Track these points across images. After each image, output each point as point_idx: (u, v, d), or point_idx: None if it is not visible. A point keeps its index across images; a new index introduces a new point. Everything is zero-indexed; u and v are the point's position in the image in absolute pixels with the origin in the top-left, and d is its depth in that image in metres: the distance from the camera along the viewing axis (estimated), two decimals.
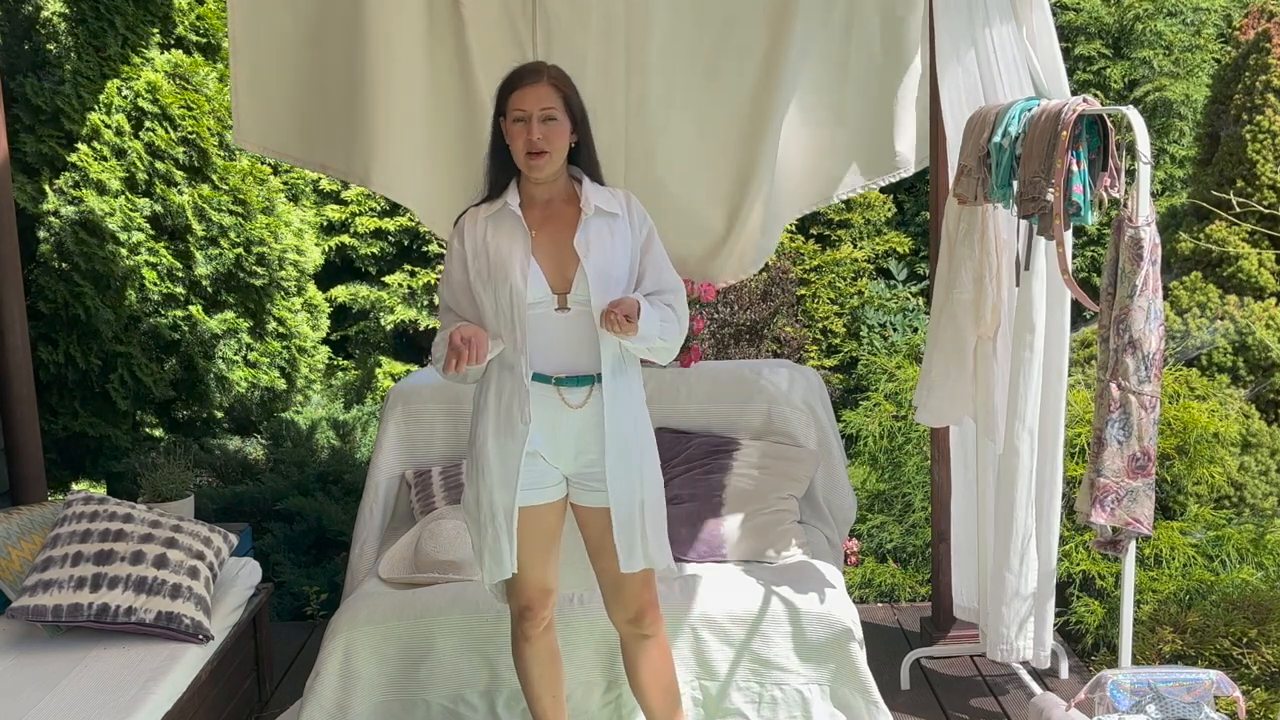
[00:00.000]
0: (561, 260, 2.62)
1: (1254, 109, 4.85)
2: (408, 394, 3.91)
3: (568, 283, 2.61)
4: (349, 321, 7.16)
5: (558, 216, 2.67)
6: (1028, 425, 3.11)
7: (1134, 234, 2.67)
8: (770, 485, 3.64)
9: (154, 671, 2.84)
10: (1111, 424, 2.71)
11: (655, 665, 2.82)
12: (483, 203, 2.70)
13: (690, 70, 3.87)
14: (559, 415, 2.65)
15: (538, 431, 2.64)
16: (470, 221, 2.69)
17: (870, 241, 7.04)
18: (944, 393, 3.39)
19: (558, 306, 2.61)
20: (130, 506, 3.26)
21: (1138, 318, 2.68)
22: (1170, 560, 3.86)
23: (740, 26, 3.83)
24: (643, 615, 2.77)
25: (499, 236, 2.64)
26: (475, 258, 2.65)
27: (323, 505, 5.12)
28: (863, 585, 4.53)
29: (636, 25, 3.81)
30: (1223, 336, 4.66)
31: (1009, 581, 3.20)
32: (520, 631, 2.83)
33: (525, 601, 2.79)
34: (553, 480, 2.72)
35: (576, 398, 2.64)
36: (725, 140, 3.93)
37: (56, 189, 5.20)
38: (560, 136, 2.61)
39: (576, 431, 2.67)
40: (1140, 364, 2.69)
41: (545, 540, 2.75)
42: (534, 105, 2.57)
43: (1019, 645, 3.25)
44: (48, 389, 5.23)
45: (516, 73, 2.66)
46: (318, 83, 3.76)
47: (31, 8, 5.17)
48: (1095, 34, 6.81)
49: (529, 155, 2.58)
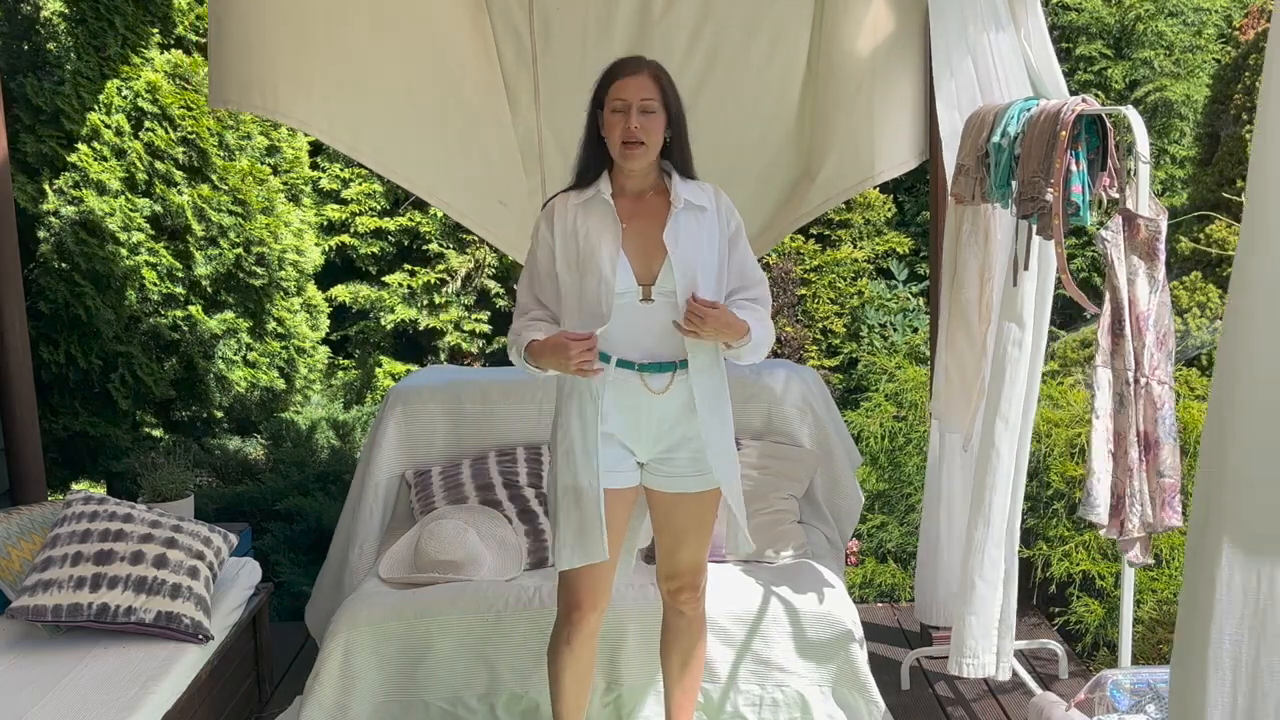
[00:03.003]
0: (649, 252, 2.65)
1: (1254, 109, 4.85)
2: (408, 394, 3.91)
3: (653, 274, 2.64)
4: (349, 321, 7.16)
5: (647, 209, 2.69)
6: (1010, 424, 3.08)
7: (1151, 229, 2.66)
8: (770, 485, 3.64)
9: (154, 671, 2.84)
10: (1162, 421, 2.66)
11: (688, 645, 2.93)
12: (572, 190, 2.73)
13: (690, 70, 3.87)
14: (640, 400, 2.68)
15: (619, 416, 2.68)
16: (561, 207, 2.71)
17: (870, 241, 7.05)
18: (962, 397, 3.36)
19: (642, 298, 2.64)
20: (130, 506, 3.26)
21: (1163, 314, 2.66)
22: (1170, 560, 3.86)
23: (740, 26, 3.83)
24: (682, 590, 2.87)
25: (589, 224, 2.67)
26: (565, 244, 2.68)
27: (323, 505, 5.12)
28: (863, 585, 4.53)
29: (637, 16, 3.82)
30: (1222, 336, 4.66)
31: (979, 589, 3.11)
32: (564, 634, 2.79)
33: (575, 599, 2.75)
34: (629, 466, 2.74)
35: (659, 384, 2.68)
36: (724, 139, 3.93)
37: (56, 189, 5.21)
38: (657, 128, 2.64)
39: (657, 417, 2.70)
40: (1166, 359, 2.67)
41: (611, 527, 2.72)
42: (634, 95, 2.61)
43: (985, 661, 3.15)
44: (48, 389, 5.24)
45: (619, 63, 2.69)
46: (301, 38, 3.62)
47: (31, 8, 5.17)
48: (1096, 34, 6.81)
49: (625, 145, 2.61)
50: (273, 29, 3.57)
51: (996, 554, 3.12)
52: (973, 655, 3.16)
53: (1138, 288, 2.66)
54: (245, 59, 3.56)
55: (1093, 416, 2.72)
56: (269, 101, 3.59)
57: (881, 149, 3.86)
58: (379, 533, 3.77)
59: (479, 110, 3.90)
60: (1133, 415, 2.68)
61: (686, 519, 2.79)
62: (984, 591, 3.13)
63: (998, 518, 3.10)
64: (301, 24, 3.59)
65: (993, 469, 3.09)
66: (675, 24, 3.84)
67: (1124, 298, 2.67)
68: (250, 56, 3.56)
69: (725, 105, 3.91)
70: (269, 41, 3.57)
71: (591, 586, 2.74)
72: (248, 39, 3.56)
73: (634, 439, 2.72)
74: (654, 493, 2.81)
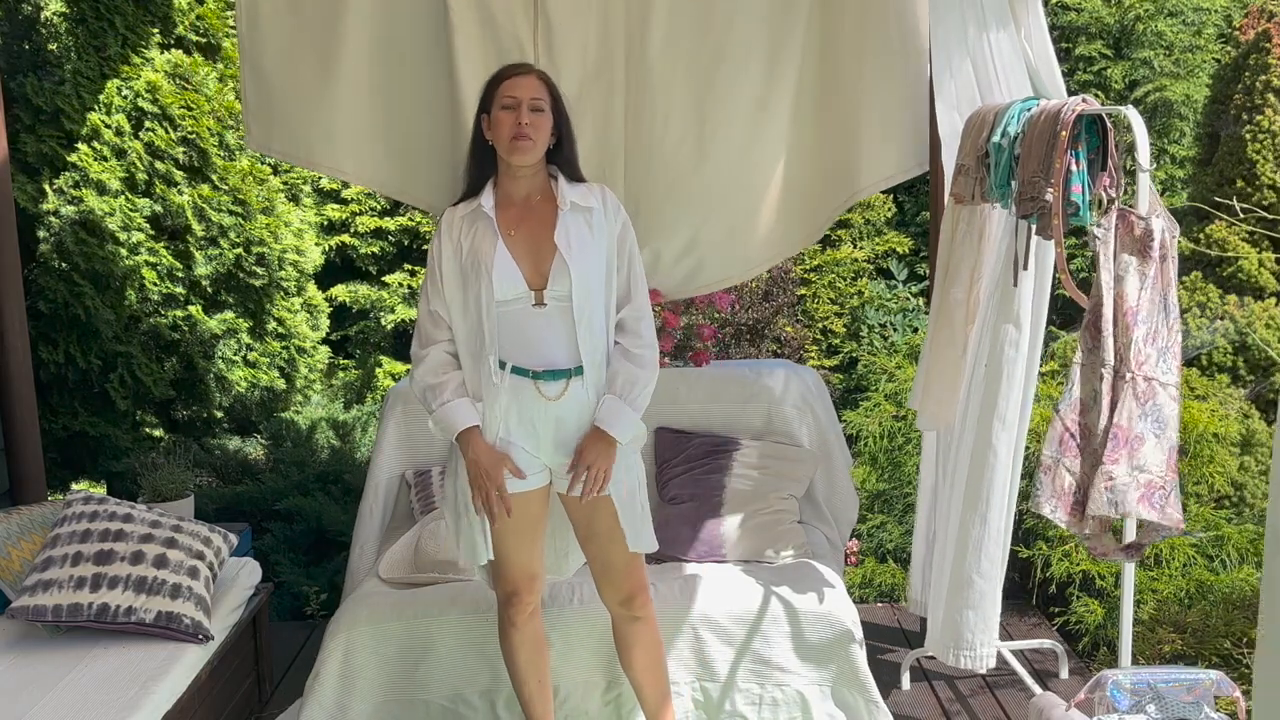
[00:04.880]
0: (538, 256, 2.69)
1: (1254, 109, 4.85)
2: (408, 394, 3.91)
3: (544, 278, 2.67)
4: (349, 321, 7.16)
5: (535, 213, 2.74)
6: (1006, 424, 3.08)
7: (1144, 226, 2.66)
8: (770, 485, 3.64)
9: (154, 671, 2.84)
10: (1145, 417, 2.66)
11: (647, 645, 2.92)
12: (460, 201, 2.78)
13: (691, 71, 3.86)
14: (535, 407, 2.71)
15: (516, 423, 2.71)
16: (449, 219, 2.77)
17: (870, 241, 7.05)
18: (941, 394, 3.38)
19: (535, 302, 2.67)
20: (130, 506, 3.26)
21: (1154, 311, 2.66)
22: (1170, 560, 3.86)
23: (741, 26, 3.81)
24: (633, 598, 2.86)
25: (473, 235, 2.71)
26: (454, 255, 2.73)
27: (323, 505, 5.12)
28: (863, 585, 4.53)
29: (635, 24, 3.80)
30: (1223, 336, 4.67)
31: (976, 585, 3.14)
32: (507, 617, 2.89)
33: (512, 587, 2.85)
34: (534, 469, 2.77)
35: (553, 390, 2.70)
36: (727, 142, 3.91)
37: (56, 189, 5.21)
38: (545, 127, 2.70)
39: (554, 422, 2.72)
40: (1160, 355, 2.66)
41: (529, 527, 2.81)
42: (525, 93, 2.68)
43: (983, 654, 3.19)
44: (48, 389, 5.24)
45: (507, 66, 2.80)
46: (330, 88, 3.80)
47: (31, 8, 5.17)
48: (1096, 34, 6.81)
49: (514, 139, 2.65)
50: (298, 75, 3.78)
51: (995, 551, 3.13)
52: (969, 648, 3.20)
53: (1127, 284, 2.67)
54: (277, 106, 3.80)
55: (1053, 410, 2.73)
56: (301, 151, 3.85)
57: (881, 154, 3.85)
58: (379, 533, 3.77)
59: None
60: (1105, 410, 2.67)
61: (608, 517, 2.79)
62: (982, 587, 3.15)
63: (995, 516, 3.11)
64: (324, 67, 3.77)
65: (989, 468, 3.10)
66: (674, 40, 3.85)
67: (1104, 294, 2.68)
68: (280, 104, 3.80)
69: (725, 122, 3.90)
70: (298, 88, 3.79)
71: (524, 571, 2.84)
72: (279, 86, 3.78)
73: (533, 444, 2.75)
74: (568, 498, 2.81)
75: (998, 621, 3.22)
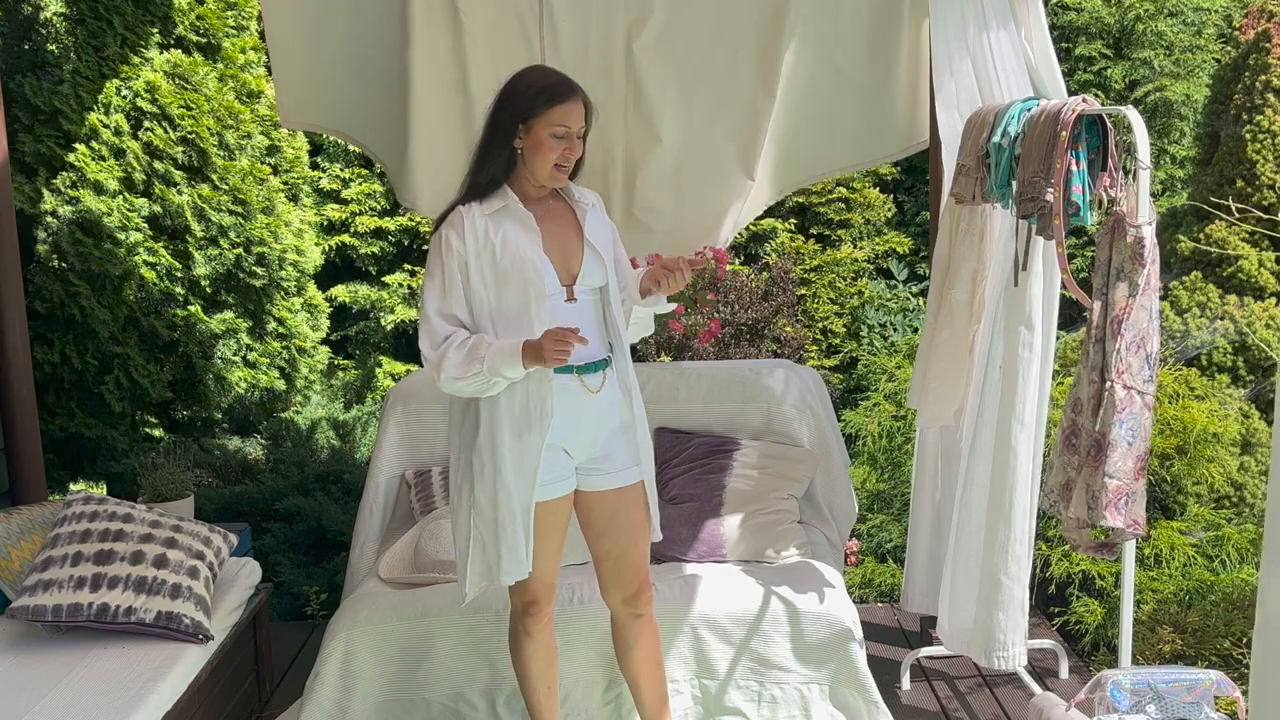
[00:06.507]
0: (565, 252, 2.71)
1: (1254, 109, 4.85)
2: (408, 394, 3.91)
3: (572, 274, 2.70)
4: (349, 321, 7.15)
5: (553, 212, 2.75)
6: (1025, 425, 3.09)
7: (1136, 233, 2.67)
8: (770, 485, 3.64)
9: (154, 671, 2.84)
10: (1120, 425, 2.69)
11: (647, 644, 2.91)
12: (472, 201, 2.67)
13: (688, 66, 3.88)
14: (582, 403, 2.71)
15: (562, 423, 2.69)
16: (468, 218, 2.65)
17: (870, 241, 7.04)
18: (940, 393, 3.39)
19: (567, 298, 2.69)
20: (130, 506, 3.26)
21: (1140, 317, 2.67)
22: (1170, 560, 3.86)
23: (738, 22, 3.84)
24: (640, 594, 2.86)
25: (503, 234, 2.64)
26: (479, 256, 2.63)
27: (322, 505, 5.12)
28: (863, 585, 4.53)
29: (635, 20, 3.84)
30: (1223, 336, 4.66)
31: (1005, 587, 3.15)
32: (523, 627, 2.87)
33: (531, 597, 2.83)
34: (567, 473, 2.77)
35: (596, 382, 2.73)
36: (725, 133, 3.94)
37: (54, 189, 5.20)
38: (580, 152, 2.72)
39: (596, 416, 2.74)
40: (1144, 364, 2.68)
41: (558, 534, 2.80)
42: (576, 123, 2.65)
43: (1015, 653, 3.20)
44: (44, 389, 5.23)
45: (560, 85, 2.65)
46: (355, 64, 3.89)
47: (31, 8, 5.17)
48: (1096, 34, 6.81)
49: (558, 168, 2.65)
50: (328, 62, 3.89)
51: (1021, 551, 3.14)
52: (1002, 649, 3.19)
53: (1118, 291, 2.69)
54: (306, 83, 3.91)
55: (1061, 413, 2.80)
56: (331, 120, 4.00)
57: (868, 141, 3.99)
58: (379, 533, 3.77)
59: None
60: (1087, 415, 2.76)
61: (634, 511, 2.81)
62: (1010, 588, 3.15)
63: (1019, 517, 3.12)
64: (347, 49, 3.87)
65: (1011, 470, 3.10)
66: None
67: (1097, 300, 2.75)
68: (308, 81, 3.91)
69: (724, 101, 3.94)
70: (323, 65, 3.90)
71: (545, 580, 2.82)
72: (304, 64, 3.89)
73: (574, 442, 2.74)
74: (594, 495, 2.80)
75: (1026, 620, 3.22)
